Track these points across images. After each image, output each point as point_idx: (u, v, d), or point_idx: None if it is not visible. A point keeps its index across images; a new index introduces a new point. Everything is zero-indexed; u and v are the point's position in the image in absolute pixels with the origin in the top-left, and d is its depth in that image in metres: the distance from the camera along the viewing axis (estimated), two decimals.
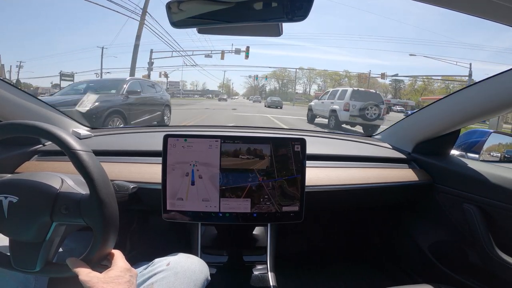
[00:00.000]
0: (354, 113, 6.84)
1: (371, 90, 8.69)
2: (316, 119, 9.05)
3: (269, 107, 17.38)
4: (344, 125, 7.22)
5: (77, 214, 0.49)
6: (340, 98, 7.54)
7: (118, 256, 0.51)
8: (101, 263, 0.50)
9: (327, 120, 7.95)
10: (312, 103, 9.78)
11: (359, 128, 7.33)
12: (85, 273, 0.45)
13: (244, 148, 0.75)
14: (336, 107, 7.44)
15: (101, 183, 0.49)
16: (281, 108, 17.02)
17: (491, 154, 1.15)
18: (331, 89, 9.44)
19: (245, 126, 1.42)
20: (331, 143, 1.21)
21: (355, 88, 7.86)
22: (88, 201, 0.49)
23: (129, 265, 0.50)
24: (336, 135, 1.33)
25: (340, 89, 8.25)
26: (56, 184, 0.52)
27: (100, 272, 0.47)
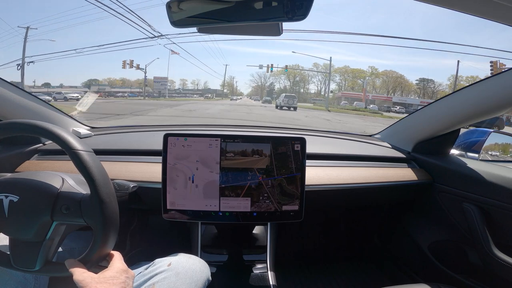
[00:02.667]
0: (285, 102, 18.73)
1: (293, 94, 22.50)
2: (277, 107, 19.46)
3: (263, 103, 29.51)
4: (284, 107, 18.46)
5: (78, 214, 0.49)
6: (281, 97, 20.06)
7: (116, 257, 0.51)
8: (100, 264, 0.51)
9: (279, 107, 19.18)
10: (276, 100, 22.76)
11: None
12: (79, 273, 0.45)
13: (244, 147, 0.75)
14: (279, 101, 19.76)
15: (101, 183, 0.49)
16: (270, 103, 28.18)
17: (491, 153, 1.15)
18: (281, 94, 23.74)
19: (245, 126, 1.42)
20: (331, 142, 1.22)
21: (286, 94, 21.57)
22: (88, 201, 0.49)
23: (126, 266, 0.50)
24: (336, 134, 1.33)
25: (282, 94, 22.14)
26: (57, 183, 0.52)
27: (97, 273, 0.47)
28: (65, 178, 0.55)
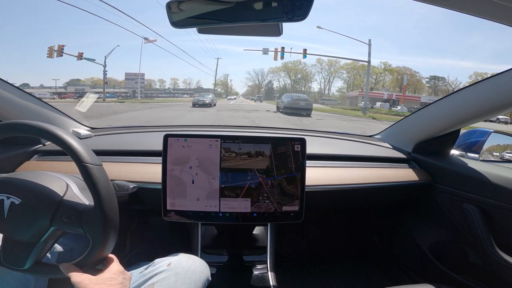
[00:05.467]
0: (257, 99, 37.18)
1: (260, 95, 44.19)
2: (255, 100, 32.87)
3: (251, 99, 37.86)
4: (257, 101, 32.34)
5: (78, 224, 0.49)
6: (254, 95, 46.16)
7: (113, 260, 0.51)
8: (96, 267, 0.50)
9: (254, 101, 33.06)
10: (253, 97, 42.52)
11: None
12: (77, 275, 0.46)
13: (244, 148, 0.75)
14: (255, 97, 39.50)
15: (106, 199, 0.49)
16: (261, 101, 34.28)
17: (491, 154, 1.15)
18: (255, 95, 46.00)
19: (245, 126, 1.42)
20: (331, 143, 1.22)
21: (258, 95, 43.73)
22: (91, 213, 0.49)
23: (122, 268, 0.51)
24: (336, 135, 1.33)
25: (256, 95, 46.57)
26: (60, 190, 0.51)
27: (94, 275, 0.47)
28: (69, 184, 0.54)
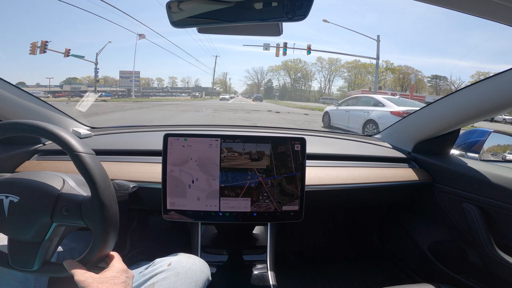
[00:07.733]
0: (248, 97, 44.48)
1: (250, 94, 49.28)
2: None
3: (246, 98, 37.28)
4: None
5: (78, 216, 0.49)
6: (253, 94, 45.42)
7: (116, 258, 0.51)
8: (98, 265, 0.51)
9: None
10: (245, 96, 51.53)
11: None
12: (80, 273, 0.46)
13: (244, 147, 0.75)
14: (247, 96, 50.73)
15: (102, 186, 0.49)
16: (252, 98, 33.80)
17: (491, 153, 1.15)
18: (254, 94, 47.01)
19: (245, 126, 1.42)
20: (331, 142, 1.22)
21: (249, 94, 50.30)
22: (89, 203, 0.49)
23: (125, 266, 0.51)
24: (337, 134, 1.33)
25: (248, 94, 54.46)
26: (57, 184, 0.52)
27: (97, 273, 0.47)
28: (66, 179, 0.54)
